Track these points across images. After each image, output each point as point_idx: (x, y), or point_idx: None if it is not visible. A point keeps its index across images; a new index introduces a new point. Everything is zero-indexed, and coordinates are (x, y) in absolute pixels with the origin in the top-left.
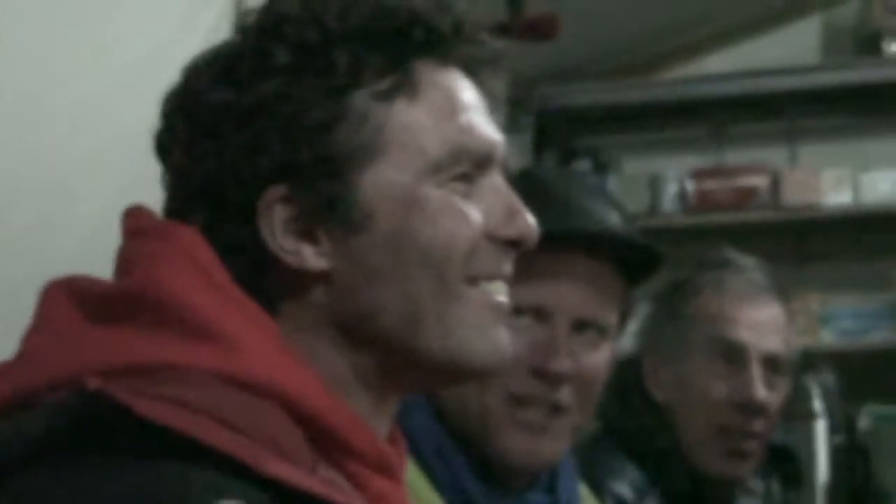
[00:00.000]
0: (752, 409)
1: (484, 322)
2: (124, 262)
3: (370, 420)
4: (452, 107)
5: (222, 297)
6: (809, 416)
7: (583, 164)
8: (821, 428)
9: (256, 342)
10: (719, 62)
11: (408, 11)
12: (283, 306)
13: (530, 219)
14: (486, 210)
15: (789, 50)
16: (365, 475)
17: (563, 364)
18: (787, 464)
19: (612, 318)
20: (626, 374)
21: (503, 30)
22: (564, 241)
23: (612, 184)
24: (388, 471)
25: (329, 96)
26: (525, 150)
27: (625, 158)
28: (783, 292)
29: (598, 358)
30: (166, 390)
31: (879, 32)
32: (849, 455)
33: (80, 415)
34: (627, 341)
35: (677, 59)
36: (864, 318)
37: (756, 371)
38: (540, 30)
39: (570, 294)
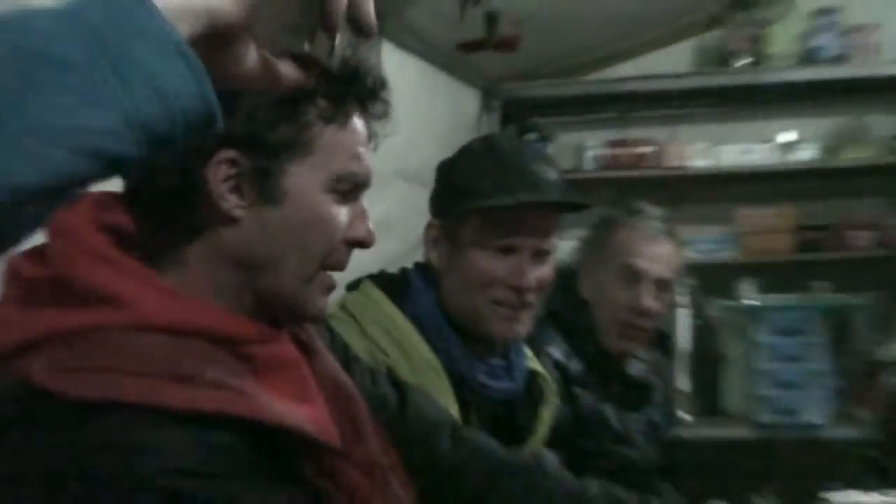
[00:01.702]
0: (641, 312)
1: (319, 295)
2: (47, 255)
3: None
4: (355, 143)
5: (114, 270)
6: (678, 307)
7: (531, 136)
8: (685, 315)
9: (142, 295)
10: (627, 69)
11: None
12: (202, 238)
13: (369, 227)
14: (348, 215)
15: (674, 61)
16: (249, 350)
17: (528, 281)
18: (664, 340)
19: (554, 246)
20: (565, 280)
21: (483, 45)
22: (534, 204)
23: (551, 149)
24: (265, 337)
25: (283, 109)
26: (494, 126)
27: (560, 133)
28: (675, 234)
29: (548, 271)
30: (83, 359)
31: (730, 52)
32: (702, 332)
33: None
34: (567, 256)
35: (599, 65)
36: (714, 242)
37: (648, 289)
38: (506, 45)
39: (530, 235)
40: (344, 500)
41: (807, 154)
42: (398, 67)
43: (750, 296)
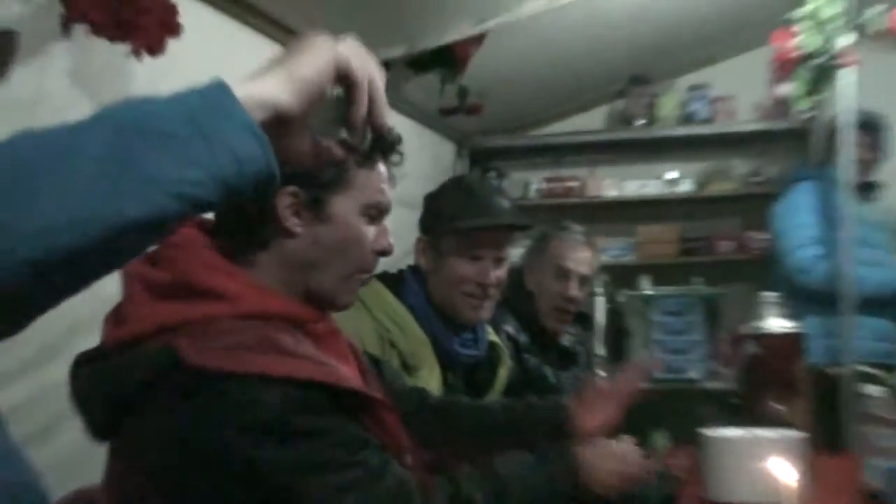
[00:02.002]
0: (569, 300)
1: (352, 290)
2: (159, 257)
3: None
4: (380, 181)
5: (220, 273)
6: (597, 295)
7: (492, 175)
8: (601, 301)
9: (243, 292)
10: (559, 127)
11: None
12: (270, 248)
13: (390, 240)
14: (376, 233)
15: (592, 121)
16: (311, 326)
17: (491, 279)
18: (585, 319)
19: (509, 253)
20: (516, 277)
21: (457, 110)
22: (494, 225)
23: (505, 185)
24: (318, 317)
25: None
26: (464, 168)
27: (511, 172)
28: (593, 243)
29: (504, 272)
30: (214, 342)
31: (631, 115)
32: (613, 314)
33: (164, 363)
34: (517, 260)
35: (540, 124)
36: (621, 249)
37: (574, 283)
38: (474, 111)
39: (493, 247)
40: (387, 438)
41: (686, 187)
42: (398, 126)
43: (647, 287)
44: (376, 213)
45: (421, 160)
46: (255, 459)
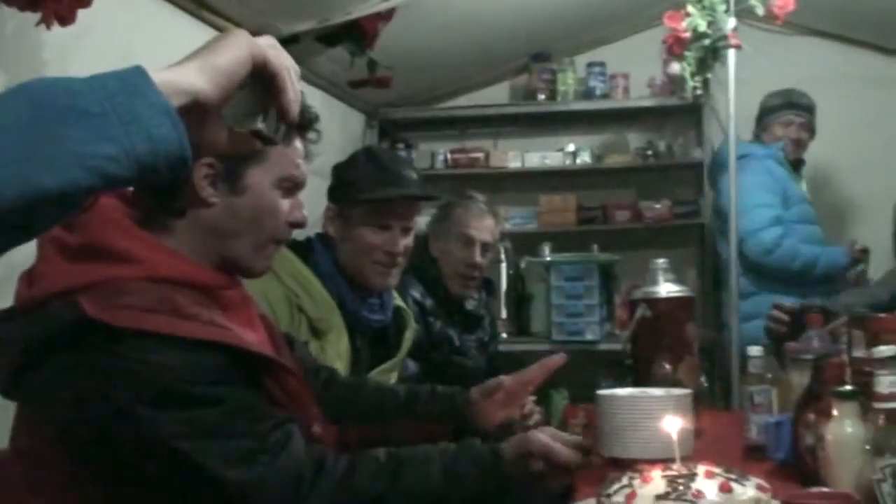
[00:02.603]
0: (473, 266)
1: (265, 259)
2: (74, 221)
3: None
4: (295, 156)
5: (130, 237)
6: (500, 261)
7: (400, 147)
8: (504, 267)
9: (152, 256)
10: (465, 100)
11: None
12: (186, 216)
13: (304, 213)
14: (290, 205)
15: (496, 96)
16: (220, 294)
17: (399, 248)
18: (489, 284)
19: (416, 222)
20: (422, 244)
21: (366, 83)
22: (403, 196)
23: (413, 155)
24: (230, 284)
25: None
26: (373, 139)
27: (419, 144)
28: (495, 212)
29: (411, 240)
30: (118, 300)
31: (533, 90)
32: (516, 279)
33: (72, 321)
34: (424, 228)
35: (447, 97)
36: (523, 218)
37: (478, 250)
38: (382, 83)
39: (400, 217)
40: (292, 405)
41: (584, 159)
42: (308, 98)
43: (547, 254)
44: (291, 185)
45: (331, 131)
46: (149, 421)
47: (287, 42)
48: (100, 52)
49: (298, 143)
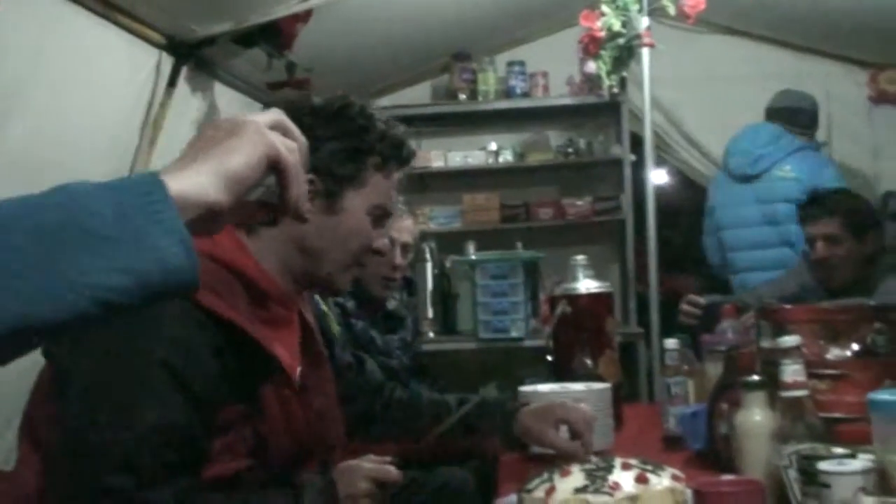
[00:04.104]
0: (393, 267)
1: (346, 279)
2: None
3: (286, 287)
4: (391, 188)
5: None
6: (424, 261)
7: None
8: (430, 266)
9: (224, 241)
10: (386, 101)
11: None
12: (279, 226)
13: (385, 242)
14: (376, 233)
15: (417, 96)
16: (272, 306)
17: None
18: (411, 284)
19: None
20: None
21: (285, 84)
22: None
23: None
24: (285, 303)
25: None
26: None
27: None
28: (415, 213)
29: None
30: None
31: (455, 90)
32: (441, 278)
33: None
34: None
35: (370, 98)
36: (446, 217)
37: (398, 251)
38: (301, 84)
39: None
40: (283, 418)
41: (506, 158)
42: (227, 100)
43: (472, 253)
44: (382, 214)
45: None
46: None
47: (203, 44)
48: (7, 54)
49: (396, 176)
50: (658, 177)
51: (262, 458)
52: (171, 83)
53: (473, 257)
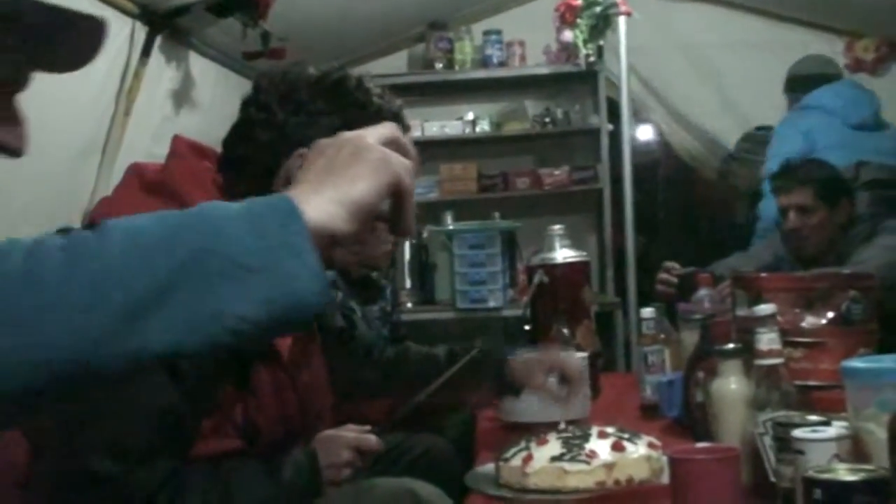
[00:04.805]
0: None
1: (345, 254)
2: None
3: None
4: None
5: (202, 192)
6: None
7: None
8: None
9: None
10: (361, 70)
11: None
12: None
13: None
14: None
15: (394, 65)
16: None
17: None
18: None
19: None
20: None
21: (260, 54)
22: None
23: None
24: None
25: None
26: None
27: None
28: None
29: None
30: None
31: (431, 59)
32: (419, 249)
33: None
34: None
35: (350, 66)
36: (424, 188)
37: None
38: (276, 54)
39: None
40: (269, 390)
41: (483, 127)
42: (201, 70)
43: (449, 223)
44: None
45: (225, 103)
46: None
47: (177, 13)
48: None
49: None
50: (643, 133)
51: (251, 437)
52: (146, 52)
53: (451, 227)
